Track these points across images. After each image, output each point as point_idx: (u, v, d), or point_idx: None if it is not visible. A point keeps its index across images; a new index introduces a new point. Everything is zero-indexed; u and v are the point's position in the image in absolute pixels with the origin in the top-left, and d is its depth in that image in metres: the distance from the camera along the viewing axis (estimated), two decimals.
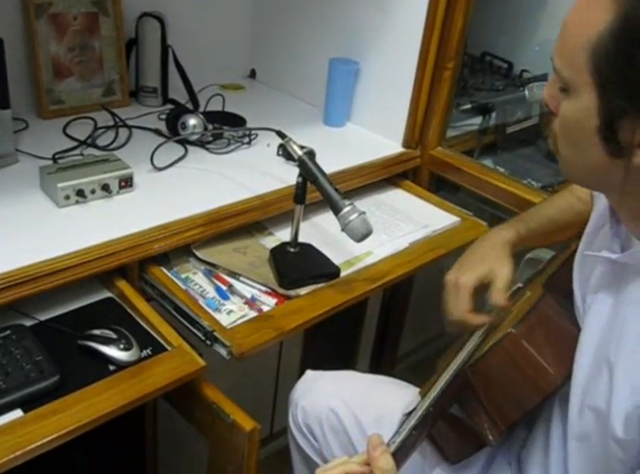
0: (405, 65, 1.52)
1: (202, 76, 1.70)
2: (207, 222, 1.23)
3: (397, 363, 2.00)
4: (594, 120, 0.69)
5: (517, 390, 0.94)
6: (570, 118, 0.72)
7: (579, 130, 0.72)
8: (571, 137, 0.74)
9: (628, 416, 0.74)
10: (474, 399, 0.97)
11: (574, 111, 0.71)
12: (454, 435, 1.02)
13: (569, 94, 0.71)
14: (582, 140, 0.72)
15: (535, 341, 0.95)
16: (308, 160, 1.19)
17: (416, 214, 1.51)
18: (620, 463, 0.76)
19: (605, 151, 0.70)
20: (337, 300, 1.20)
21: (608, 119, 0.68)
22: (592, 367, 0.82)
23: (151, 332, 1.08)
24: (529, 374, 0.93)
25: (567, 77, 0.70)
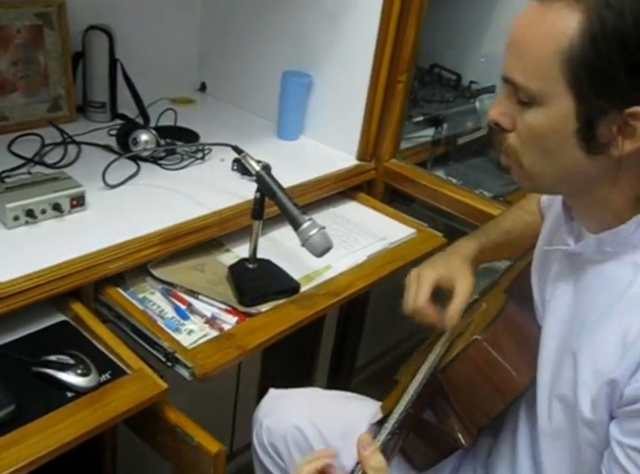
0: (358, 78, 1.52)
1: (151, 90, 1.67)
2: (163, 240, 1.20)
3: (354, 376, 1.99)
4: (572, 123, 0.72)
5: (484, 396, 0.96)
6: (540, 127, 0.74)
7: (554, 136, 0.74)
8: (541, 146, 0.76)
9: (594, 399, 0.77)
10: (446, 403, 0.98)
11: (547, 119, 0.73)
12: (422, 444, 1.03)
13: (537, 105, 0.73)
14: (556, 145, 0.74)
15: (502, 346, 0.97)
16: (266, 175, 1.18)
17: (373, 227, 1.51)
18: (591, 447, 0.79)
19: (583, 151, 0.73)
20: (299, 316, 1.18)
21: (588, 120, 0.71)
22: (557, 359, 0.85)
23: (109, 355, 1.04)
24: (495, 381, 0.95)
25: (535, 89, 0.72)
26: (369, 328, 1.90)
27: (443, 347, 1.10)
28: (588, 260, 0.82)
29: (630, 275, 0.76)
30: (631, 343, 0.73)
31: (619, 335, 0.75)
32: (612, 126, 0.70)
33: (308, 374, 1.87)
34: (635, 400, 0.72)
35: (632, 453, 0.73)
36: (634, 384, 0.72)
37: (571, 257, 0.86)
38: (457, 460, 1.10)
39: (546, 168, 0.77)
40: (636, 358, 0.72)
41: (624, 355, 0.73)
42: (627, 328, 0.74)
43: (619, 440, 0.74)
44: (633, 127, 0.70)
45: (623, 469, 0.74)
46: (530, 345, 0.95)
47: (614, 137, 0.71)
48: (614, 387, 0.74)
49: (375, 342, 2.04)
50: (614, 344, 0.75)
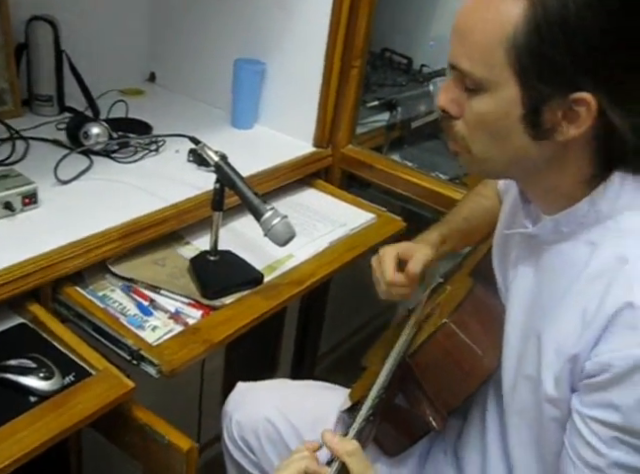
0: (312, 64, 1.51)
1: (98, 81, 1.61)
2: (122, 236, 1.17)
3: (318, 364, 1.99)
4: (518, 109, 0.73)
5: (454, 378, 0.97)
6: (487, 114, 0.75)
7: (500, 122, 0.75)
8: (490, 132, 0.76)
9: (557, 376, 0.79)
10: (416, 387, 0.99)
11: (493, 106, 0.74)
12: (394, 429, 1.04)
13: (484, 92, 0.74)
14: (504, 131, 0.75)
15: (469, 329, 0.99)
16: (225, 165, 1.16)
17: (332, 213, 1.50)
18: (554, 422, 0.81)
19: (529, 136, 0.74)
20: (264, 306, 1.17)
21: (533, 106, 0.72)
22: (521, 340, 0.87)
23: (72, 357, 1.02)
24: (464, 364, 0.97)
25: (481, 76, 0.73)
26: (330, 315, 1.90)
27: (411, 331, 1.10)
28: (546, 241, 0.84)
29: (586, 254, 0.78)
30: (590, 320, 0.75)
31: (578, 313, 0.76)
32: (557, 112, 0.71)
33: (272, 365, 1.87)
34: (595, 373, 0.74)
35: (591, 423, 0.75)
36: (594, 358, 0.74)
37: (530, 240, 0.87)
38: (427, 444, 1.11)
39: (494, 154, 0.78)
40: (595, 334, 0.74)
41: (584, 331, 0.75)
42: (585, 306, 0.76)
43: (579, 411, 0.76)
44: (577, 113, 0.71)
45: (583, 438, 0.76)
46: (498, 326, 0.96)
47: (559, 123, 0.72)
48: (575, 362, 0.76)
49: (337, 329, 2.04)
50: (574, 321, 0.77)
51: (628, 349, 0.71)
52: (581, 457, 0.76)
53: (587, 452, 0.76)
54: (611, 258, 0.75)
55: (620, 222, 0.77)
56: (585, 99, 0.70)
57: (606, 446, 0.74)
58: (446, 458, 1.09)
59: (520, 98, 0.72)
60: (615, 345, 0.72)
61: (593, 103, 0.70)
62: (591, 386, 0.75)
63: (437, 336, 0.98)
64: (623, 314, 0.72)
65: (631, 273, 0.73)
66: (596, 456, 0.75)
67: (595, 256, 0.77)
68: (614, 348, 0.72)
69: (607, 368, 0.72)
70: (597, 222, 0.78)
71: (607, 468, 0.74)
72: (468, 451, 1.04)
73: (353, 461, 0.74)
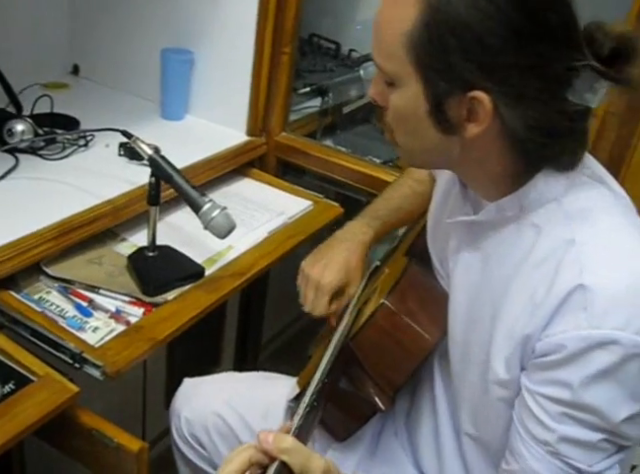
0: (242, 52, 1.49)
1: (19, 76, 1.54)
2: (56, 235, 1.13)
3: (260, 353, 1.99)
4: (423, 105, 0.75)
5: (395, 357, 0.98)
6: (401, 108, 0.77)
7: (411, 117, 0.77)
8: (405, 125, 0.79)
9: (507, 359, 0.80)
10: (360, 370, 1.00)
11: (403, 101, 0.76)
12: (341, 413, 1.04)
13: (396, 86, 0.76)
14: (416, 126, 0.77)
15: (407, 307, 1.00)
16: (159, 159, 1.14)
17: (269, 202, 1.49)
18: (502, 401, 0.83)
19: (439, 131, 0.76)
20: (207, 300, 1.16)
21: (436, 102, 0.74)
22: (467, 325, 0.88)
23: (10, 364, 0.98)
24: (404, 342, 0.98)
25: (390, 71, 0.75)
26: (270, 304, 1.90)
27: (351, 316, 1.11)
28: (490, 227, 0.84)
29: (531, 237, 0.79)
30: (540, 302, 0.76)
31: (527, 295, 0.78)
32: (461, 108, 0.73)
33: (215, 358, 1.85)
34: (546, 353, 0.76)
35: (540, 399, 0.77)
36: (545, 339, 0.76)
37: (471, 226, 0.88)
38: (377, 426, 1.12)
39: (414, 146, 0.81)
40: (546, 315, 0.75)
41: (534, 312, 0.77)
42: (534, 289, 0.77)
43: (529, 388, 0.78)
44: (474, 109, 0.73)
45: (532, 414, 0.78)
46: (436, 302, 0.98)
47: (463, 119, 0.74)
48: (527, 342, 0.78)
49: (277, 318, 2.04)
50: (524, 303, 0.78)
51: (580, 330, 0.72)
52: (530, 432, 0.78)
53: (536, 427, 0.77)
54: (558, 240, 0.77)
55: (564, 204, 0.78)
56: (479, 98, 0.71)
57: (555, 421, 0.76)
58: (397, 439, 1.11)
59: (423, 93, 0.74)
60: (567, 326, 0.74)
61: (487, 102, 0.71)
62: (542, 365, 0.76)
63: (376, 317, 0.99)
64: (574, 296, 0.73)
65: (579, 255, 0.75)
66: (545, 431, 0.77)
67: (541, 239, 0.78)
68: (566, 329, 0.74)
69: (559, 348, 0.74)
70: (540, 205, 0.79)
71: (556, 443, 0.76)
72: (419, 431, 1.05)
73: (291, 457, 0.73)
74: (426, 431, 1.04)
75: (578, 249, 0.75)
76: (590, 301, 0.72)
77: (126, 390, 1.58)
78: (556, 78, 0.71)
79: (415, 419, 1.07)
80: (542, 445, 0.77)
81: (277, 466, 0.74)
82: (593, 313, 0.72)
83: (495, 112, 0.72)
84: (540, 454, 0.78)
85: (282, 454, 0.73)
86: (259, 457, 0.75)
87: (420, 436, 1.05)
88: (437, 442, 1.00)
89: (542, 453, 0.78)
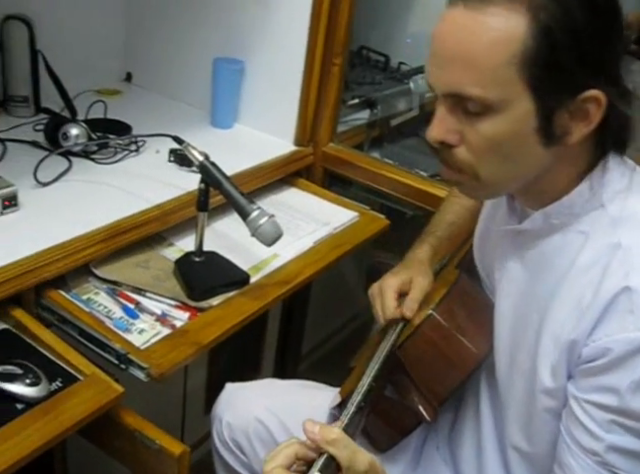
0: (293, 61, 1.50)
1: (73, 82, 1.58)
2: (105, 238, 1.15)
3: (300, 363, 1.99)
4: (532, 122, 0.73)
5: (442, 369, 0.98)
6: (500, 134, 0.74)
7: (514, 139, 0.75)
8: (501, 152, 0.76)
9: (554, 366, 0.80)
10: (406, 378, 0.99)
11: (506, 124, 0.74)
12: (385, 422, 1.03)
13: (494, 113, 0.73)
14: (517, 148, 0.75)
15: (456, 319, 0.99)
16: (210, 165, 1.15)
17: (315, 212, 1.49)
18: (549, 413, 0.82)
19: (542, 145, 0.75)
20: (252, 307, 1.16)
21: (546, 115, 0.73)
22: (514, 333, 0.88)
23: (58, 362, 1.00)
24: (451, 355, 0.97)
25: (494, 98, 0.72)
26: (311, 314, 1.89)
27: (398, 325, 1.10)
28: (536, 235, 0.84)
29: (578, 244, 0.79)
30: (586, 307, 0.76)
31: (574, 300, 0.78)
32: (566, 115, 0.73)
33: (255, 365, 1.85)
34: (593, 358, 0.75)
35: (588, 406, 0.76)
36: (591, 344, 0.75)
37: (517, 235, 0.88)
38: (420, 439, 1.11)
39: (506, 173, 0.78)
40: (592, 320, 0.75)
41: (581, 318, 0.76)
42: (581, 294, 0.77)
43: (576, 396, 0.77)
44: (586, 110, 0.73)
45: (580, 423, 0.77)
46: (484, 316, 0.97)
47: (569, 125, 0.74)
48: (573, 348, 0.77)
49: (318, 329, 2.03)
50: (570, 309, 0.78)
51: (627, 333, 0.72)
52: (577, 442, 0.77)
53: (584, 437, 0.76)
54: (604, 246, 0.77)
55: (610, 210, 0.78)
56: (595, 96, 0.71)
57: (603, 430, 0.75)
58: (439, 453, 1.09)
59: (534, 110, 0.72)
60: (613, 329, 0.73)
61: (603, 99, 0.72)
62: (588, 371, 0.76)
63: (423, 328, 0.98)
64: (620, 299, 0.73)
65: (625, 258, 0.75)
66: (593, 440, 0.76)
67: (587, 245, 0.78)
68: (612, 332, 0.73)
69: (605, 352, 0.73)
70: (586, 212, 0.79)
71: (604, 452, 0.75)
72: (462, 445, 1.04)
73: (338, 449, 0.72)
74: (469, 445, 1.02)
75: (624, 252, 0.75)
76: (636, 304, 0.72)
77: (166, 394, 1.59)
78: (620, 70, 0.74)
79: (458, 433, 1.06)
80: (590, 455, 0.76)
81: (324, 459, 0.73)
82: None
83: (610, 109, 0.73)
84: (588, 465, 0.77)
85: (329, 446, 0.73)
86: (304, 452, 0.75)
87: (462, 450, 1.03)
88: (480, 457, 0.98)
89: (590, 464, 0.76)
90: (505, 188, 0.84)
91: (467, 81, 0.72)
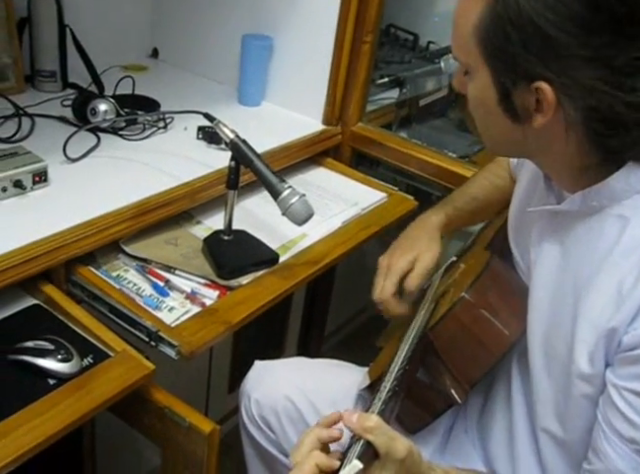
0: (322, 39, 1.48)
1: (100, 57, 1.57)
2: (135, 215, 1.14)
3: (324, 343, 1.98)
4: (493, 94, 0.77)
5: (474, 352, 0.97)
6: (476, 97, 0.81)
7: (485, 106, 0.80)
8: (481, 114, 0.82)
9: (591, 351, 0.79)
10: (437, 360, 0.98)
11: (477, 90, 0.79)
12: (415, 404, 1.03)
13: (470, 76, 0.79)
14: (490, 114, 0.79)
15: (488, 301, 0.98)
16: (241, 143, 1.14)
17: (343, 192, 1.48)
18: (586, 399, 0.81)
19: (509, 119, 0.78)
20: (281, 286, 1.15)
21: (504, 91, 0.76)
22: (549, 318, 0.87)
23: (89, 338, 1.00)
24: (483, 337, 0.96)
25: (464, 62, 0.79)
26: (336, 294, 1.89)
27: (429, 307, 1.09)
28: (574, 217, 0.83)
29: (618, 228, 0.78)
30: (627, 293, 0.75)
31: (614, 286, 0.76)
32: (528, 99, 0.74)
33: (279, 345, 1.85)
34: (632, 347, 0.74)
35: (628, 395, 0.75)
36: (632, 332, 0.74)
37: (554, 216, 0.87)
38: (449, 421, 1.10)
39: (489, 134, 0.84)
40: (634, 307, 0.74)
41: (621, 305, 0.75)
42: (621, 279, 0.76)
43: (615, 383, 0.76)
44: (541, 101, 0.73)
45: (618, 410, 0.76)
46: (517, 298, 0.96)
47: (531, 109, 0.75)
48: (612, 336, 0.76)
49: (342, 308, 2.02)
50: (610, 295, 0.77)
51: None
52: (615, 430, 0.76)
53: (622, 424, 0.76)
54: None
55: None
56: (542, 89, 0.72)
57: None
58: (467, 436, 1.09)
59: (492, 83, 0.76)
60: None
61: (550, 93, 0.72)
62: (628, 359, 0.75)
63: (456, 310, 0.97)
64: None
65: None
66: (631, 428, 0.75)
67: (628, 230, 0.77)
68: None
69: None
70: (628, 196, 0.77)
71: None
72: (492, 429, 1.03)
73: (376, 436, 0.73)
74: (499, 429, 1.01)
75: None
76: None
77: (191, 372, 1.59)
78: (622, 69, 0.70)
79: (488, 417, 1.05)
80: (628, 443, 0.75)
81: (363, 446, 0.73)
82: None
83: (558, 103, 0.73)
84: (626, 453, 0.76)
85: (367, 433, 0.73)
86: (325, 434, 0.77)
87: (492, 434, 1.02)
88: (511, 440, 0.97)
89: (628, 451, 0.76)
90: (498, 148, 0.88)
91: (453, 42, 0.80)
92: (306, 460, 0.75)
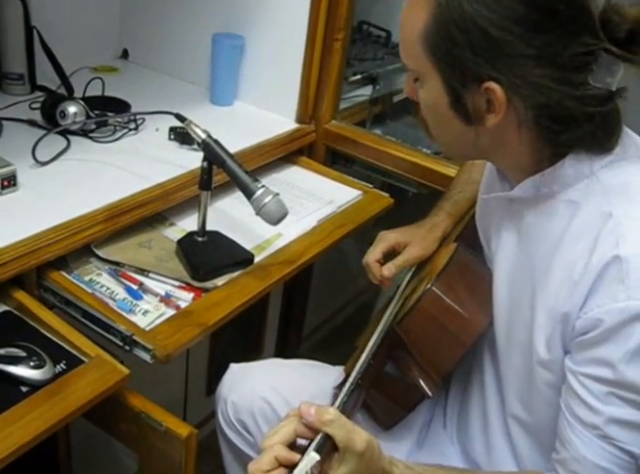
0: (293, 37, 1.47)
1: (69, 59, 1.55)
2: (107, 218, 1.12)
3: (302, 343, 1.97)
4: (445, 98, 0.78)
5: (442, 343, 0.97)
6: (428, 102, 0.81)
7: (437, 110, 0.80)
8: (434, 118, 0.83)
9: (548, 338, 0.80)
10: (406, 354, 0.98)
11: (428, 95, 0.80)
12: (387, 399, 1.03)
13: (421, 82, 0.80)
14: (442, 118, 0.81)
15: (455, 293, 0.99)
16: (213, 143, 1.12)
17: (318, 191, 1.47)
18: (548, 387, 0.83)
19: (462, 122, 0.79)
20: (257, 287, 1.15)
21: (455, 95, 0.77)
22: (510, 305, 0.88)
23: (62, 344, 0.98)
24: (451, 328, 0.97)
25: (414, 68, 0.80)
26: (313, 293, 1.88)
27: (397, 303, 1.10)
28: (527, 204, 0.84)
29: (568, 214, 0.79)
30: (578, 278, 0.76)
31: (566, 272, 0.78)
32: (479, 100, 0.75)
33: (257, 346, 1.84)
34: (586, 330, 0.75)
35: (585, 380, 0.76)
36: (583, 316, 0.75)
37: (510, 204, 0.88)
38: (426, 417, 1.11)
39: (445, 138, 0.85)
40: (584, 291, 0.75)
41: (573, 289, 0.76)
42: (573, 264, 0.77)
43: (573, 370, 0.77)
44: (492, 101, 0.75)
45: (578, 396, 0.77)
46: (484, 287, 0.96)
47: (483, 110, 0.76)
48: (566, 322, 0.77)
49: (320, 307, 2.02)
50: (562, 280, 0.78)
51: (617, 303, 0.72)
52: (577, 416, 0.77)
53: (582, 410, 0.77)
54: (595, 214, 0.76)
55: (602, 180, 0.78)
56: (492, 88, 0.74)
57: (601, 403, 0.75)
58: (445, 432, 1.09)
59: (443, 87, 0.77)
60: (604, 300, 0.73)
61: (499, 92, 0.73)
62: (583, 343, 0.76)
63: (422, 302, 0.98)
64: (610, 268, 0.73)
65: (615, 228, 0.74)
66: (592, 414, 0.76)
67: (578, 215, 0.78)
68: (603, 303, 0.73)
69: (598, 324, 0.73)
70: (577, 181, 0.79)
71: (603, 425, 0.75)
72: (469, 422, 1.03)
73: (334, 429, 0.72)
74: (475, 418, 1.02)
75: (615, 222, 0.75)
76: (626, 272, 0.72)
77: (168, 376, 1.57)
78: (568, 65, 0.72)
79: (465, 411, 1.05)
80: (590, 429, 0.76)
81: (321, 439, 0.73)
82: (630, 285, 0.71)
83: (509, 102, 0.74)
84: (589, 439, 0.77)
85: (325, 426, 0.73)
86: (302, 429, 0.76)
87: (469, 426, 1.03)
88: (486, 429, 0.98)
89: (591, 437, 0.76)
90: (454, 152, 0.91)
91: (400, 49, 0.81)
92: (266, 453, 0.75)
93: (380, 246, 1.16)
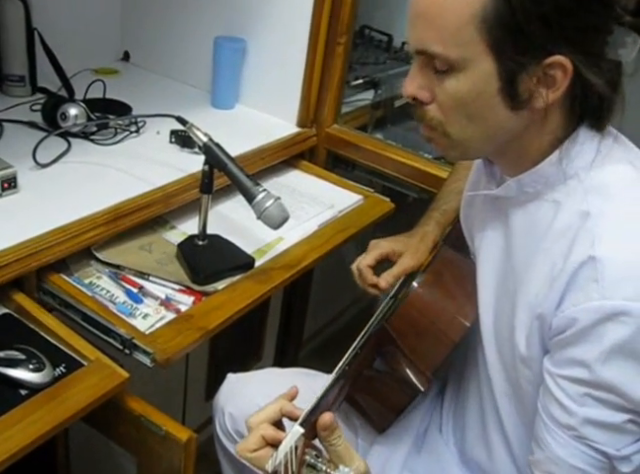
0: (296, 41, 1.46)
1: (70, 61, 1.54)
2: (108, 221, 1.12)
3: (301, 349, 1.97)
4: (494, 83, 0.73)
5: (431, 339, 0.97)
6: (463, 92, 0.74)
7: (477, 99, 0.74)
8: (466, 111, 0.76)
9: (527, 335, 0.81)
10: (395, 349, 0.99)
11: (469, 83, 0.74)
12: (378, 398, 1.02)
13: (457, 71, 0.73)
14: (481, 108, 0.75)
15: (441, 288, 1.00)
16: (214, 146, 1.12)
17: (319, 195, 1.47)
18: (530, 384, 0.83)
19: (508, 108, 0.74)
20: (257, 291, 1.14)
21: (509, 77, 0.72)
22: (495, 302, 0.89)
23: (62, 347, 0.98)
24: (437, 323, 0.97)
25: (455, 57, 0.72)
26: (313, 299, 1.87)
27: (388, 303, 1.10)
28: (511, 203, 0.84)
29: (551, 213, 0.79)
30: (555, 278, 0.76)
31: (546, 270, 0.78)
32: (532, 79, 0.72)
33: (256, 352, 1.83)
34: (562, 330, 0.75)
35: (561, 381, 0.76)
36: (559, 314, 0.75)
37: (495, 202, 0.88)
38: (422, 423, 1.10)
39: (474, 133, 0.78)
40: (560, 290, 0.75)
41: (550, 289, 0.77)
42: (552, 263, 0.77)
43: (551, 371, 0.77)
44: (553, 76, 0.72)
45: (554, 398, 0.77)
46: (470, 283, 0.96)
47: (535, 89, 0.73)
48: (544, 320, 0.78)
49: (320, 313, 2.01)
50: (543, 279, 0.78)
51: (591, 301, 0.72)
52: (553, 418, 0.77)
53: (558, 411, 0.77)
54: (574, 214, 0.77)
55: (584, 180, 0.78)
56: (560, 62, 0.71)
57: (576, 404, 0.75)
58: (442, 436, 1.08)
59: (496, 71, 0.72)
60: (579, 299, 0.73)
61: (569, 65, 0.71)
62: (559, 343, 0.76)
63: (409, 299, 0.98)
64: (585, 268, 0.73)
65: (592, 227, 0.74)
66: (567, 415, 0.76)
67: (559, 214, 0.78)
68: (578, 302, 0.73)
69: (572, 323, 0.73)
70: (561, 181, 0.79)
71: (579, 426, 0.75)
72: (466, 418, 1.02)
73: None
74: (472, 418, 1.01)
75: (592, 222, 0.75)
76: (600, 272, 0.72)
77: (168, 380, 1.57)
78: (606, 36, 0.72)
79: (461, 409, 1.05)
80: (566, 430, 0.76)
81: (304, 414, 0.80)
82: (604, 284, 0.71)
83: (573, 75, 0.71)
84: (565, 440, 0.77)
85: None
86: (290, 409, 0.81)
87: (466, 424, 1.02)
88: (484, 428, 0.97)
89: (566, 438, 0.77)
90: (475, 149, 0.82)
91: (431, 38, 0.73)
92: (252, 432, 0.77)
93: (373, 253, 1.16)
